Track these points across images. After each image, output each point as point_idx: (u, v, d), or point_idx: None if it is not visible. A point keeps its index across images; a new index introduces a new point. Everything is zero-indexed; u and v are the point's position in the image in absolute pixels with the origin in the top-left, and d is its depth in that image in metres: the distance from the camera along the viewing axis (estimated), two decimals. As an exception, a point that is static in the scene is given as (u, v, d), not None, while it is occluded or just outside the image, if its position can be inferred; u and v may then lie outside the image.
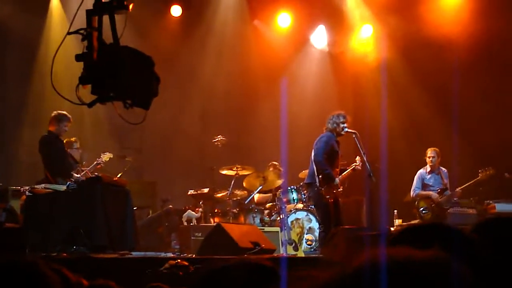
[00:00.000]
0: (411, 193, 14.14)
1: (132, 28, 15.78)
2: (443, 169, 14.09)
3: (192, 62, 17.44)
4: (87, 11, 5.47)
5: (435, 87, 16.09)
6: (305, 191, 13.62)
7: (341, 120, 12.18)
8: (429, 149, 14.12)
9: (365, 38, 17.65)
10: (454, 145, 14.12)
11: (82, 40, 5.38)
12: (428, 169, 14.08)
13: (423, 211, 13.82)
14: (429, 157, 14.03)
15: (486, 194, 14.20)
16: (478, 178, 13.81)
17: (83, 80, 5.32)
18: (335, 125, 12.14)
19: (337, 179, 12.09)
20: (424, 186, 14.08)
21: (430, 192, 13.90)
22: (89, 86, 5.32)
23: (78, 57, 5.38)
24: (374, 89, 16.62)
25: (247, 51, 17.75)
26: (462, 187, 13.74)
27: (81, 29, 5.38)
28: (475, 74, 15.45)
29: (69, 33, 5.45)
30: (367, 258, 1.27)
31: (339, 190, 12.26)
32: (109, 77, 5.33)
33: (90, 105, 5.33)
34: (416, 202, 14.00)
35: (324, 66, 18.35)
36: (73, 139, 12.76)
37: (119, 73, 5.34)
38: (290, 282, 1.46)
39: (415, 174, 14.28)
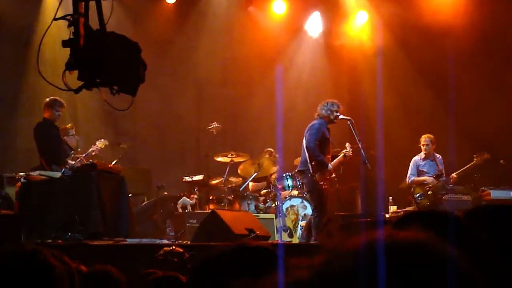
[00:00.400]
0: (407, 180, 14.11)
1: (126, 15, 15.87)
2: (438, 155, 14.06)
3: (187, 48, 17.41)
4: None
5: (431, 74, 16.10)
6: (299, 178, 13.61)
7: (335, 108, 12.25)
8: (423, 136, 14.07)
9: (360, 24, 17.65)
10: (450, 131, 14.14)
11: (69, 26, 5.38)
12: (423, 156, 14.04)
13: (419, 198, 13.82)
14: (423, 145, 13.98)
15: (481, 181, 14.23)
16: (473, 163, 13.81)
17: (69, 66, 5.33)
18: (329, 112, 12.20)
19: (330, 165, 12.14)
20: (419, 173, 14.03)
21: (426, 178, 13.89)
22: (76, 72, 5.33)
23: (64, 43, 5.39)
24: (369, 75, 16.61)
25: (242, 38, 17.70)
26: (457, 172, 13.74)
27: (67, 15, 5.38)
28: (471, 60, 15.46)
29: (55, 19, 5.46)
30: (363, 241, 1.26)
31: (332, 176, 12.33)
32: (96, 63, 5.33)
33: (77, 91, 5.34)
34: (412, 189, 13.99)
35: (319, 53, 18.33)
36: (68, 125, 12.77)
37: (105, 59, 5.35)
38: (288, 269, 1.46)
39: (408, 161, 14.27)
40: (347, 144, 12.51)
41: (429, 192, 13.76)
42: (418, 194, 13.84)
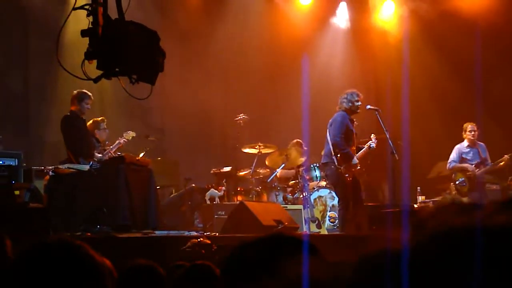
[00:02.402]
0: (447, 165, 14.05)
1: (153, 5, 15.83)
2: (481, 143, 13.92)
3: (214, 39, 17.37)
4: None
5: (459, 64, 15.92)
6: (322, 171, 13.53)
7: (355, 98, 12.25)
8: (467, 124, 13.86)
9: (387, 15, 17.54)
10: (478, 121, 13.99)
11: (88, 15, 5.36)
12: (466, 143, 13.92)
13: (461, 184, 13.71)
14: (470, 132, 13.79)
15: (510, 170, 14.11)
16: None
17: (88, 56, 5.32)
18: (350, 103, 12.22)
19: (355, 159, 12.09)
20: (461, 160, 13.90)
21: (467, 165, 13.76)
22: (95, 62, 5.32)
23: (83, 33, 5.37)
24: (396, 66, 16.47)
25: (269, 29, 17.66)
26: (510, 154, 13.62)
27: (86, 4, 5.37)
28: (500, 49, 15.27)
29: (74, 9, 5.44)
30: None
31: (358, 168, 12.28)
32: (114, 52, 5.31)
33: (96, 80, 5.32)
34: (453, 175, 13.90)
35: (345, 43, 18.25)
36: (99, 119, 12.72)
37: (124, 48, 5.32)
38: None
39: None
40: (373, 135, 12.46)
41: (470, 178, 13.62)
42: (459, 180, 13.73)
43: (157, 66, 5.51)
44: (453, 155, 13.99)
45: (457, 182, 13.79)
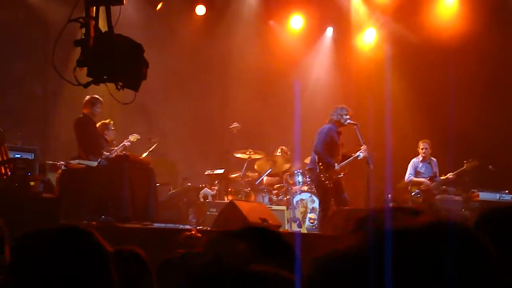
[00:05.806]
0: (405, 178, 14.39)
1: (160, 24, 15.96)
2: (434, 159, 14.36)
3: (213, 57, 17.48)
4: (85, 2, 5.56)
5: (432, 92, 15.95)
6: (308, 176, 13.71)
7: (344, 112, 12.47)
8: (421, 142, 14.44)
9: (369, 41, 17.68)
10: (446, 139, 14.13)
11: (80, 27, 5.46)
12: (420, 158, 14.39)
13: (416, 195, 14.00)
14: (421, 149, 14.36)
15: (471, 184, 14.27)
16: (463, 168, 13.99)
17: (80, 64, 5.43)
18: (339, 116, 12.44)
19: (337, 166, 12.27)
20: (416, 173, 14.36)
21: (422, 179, 14.13)
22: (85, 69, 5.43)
23: (76, 43, 5.48)
24: (377, 87, 16.52)
25: (263, 49, 17.77)
26: (453, 173, 13.89)
27: (79, 17, 5.47)
28: (470, 75, 15.35)
29: (69, 21, 5.53)
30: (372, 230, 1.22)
31: (339, 176, 12.42)
32: (103, 62, 5.41)
33: (85, 86, 5.43)
34: (409, 187, 14.22)
35: (331, 66, 18.31)
36: (107, 120, 12.84)
37: (111, 58, 5.42)
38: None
39: (407, 163, 14.47)
40: (363, 146, 12.49)
41: (424, 190, 13.96)
42: (414, 192, 14.05)
43: (140, 75, 5.62)
44: (410, 169, 14.47)
45: (412, 194, 14.10)
